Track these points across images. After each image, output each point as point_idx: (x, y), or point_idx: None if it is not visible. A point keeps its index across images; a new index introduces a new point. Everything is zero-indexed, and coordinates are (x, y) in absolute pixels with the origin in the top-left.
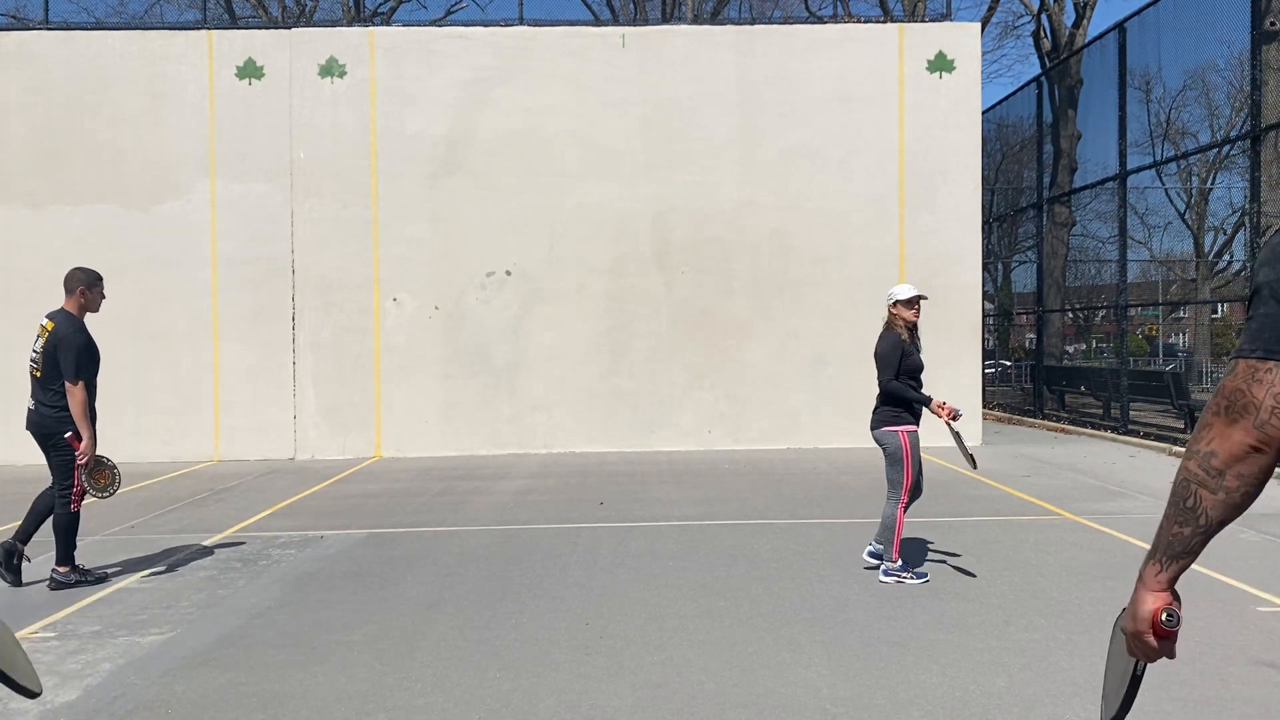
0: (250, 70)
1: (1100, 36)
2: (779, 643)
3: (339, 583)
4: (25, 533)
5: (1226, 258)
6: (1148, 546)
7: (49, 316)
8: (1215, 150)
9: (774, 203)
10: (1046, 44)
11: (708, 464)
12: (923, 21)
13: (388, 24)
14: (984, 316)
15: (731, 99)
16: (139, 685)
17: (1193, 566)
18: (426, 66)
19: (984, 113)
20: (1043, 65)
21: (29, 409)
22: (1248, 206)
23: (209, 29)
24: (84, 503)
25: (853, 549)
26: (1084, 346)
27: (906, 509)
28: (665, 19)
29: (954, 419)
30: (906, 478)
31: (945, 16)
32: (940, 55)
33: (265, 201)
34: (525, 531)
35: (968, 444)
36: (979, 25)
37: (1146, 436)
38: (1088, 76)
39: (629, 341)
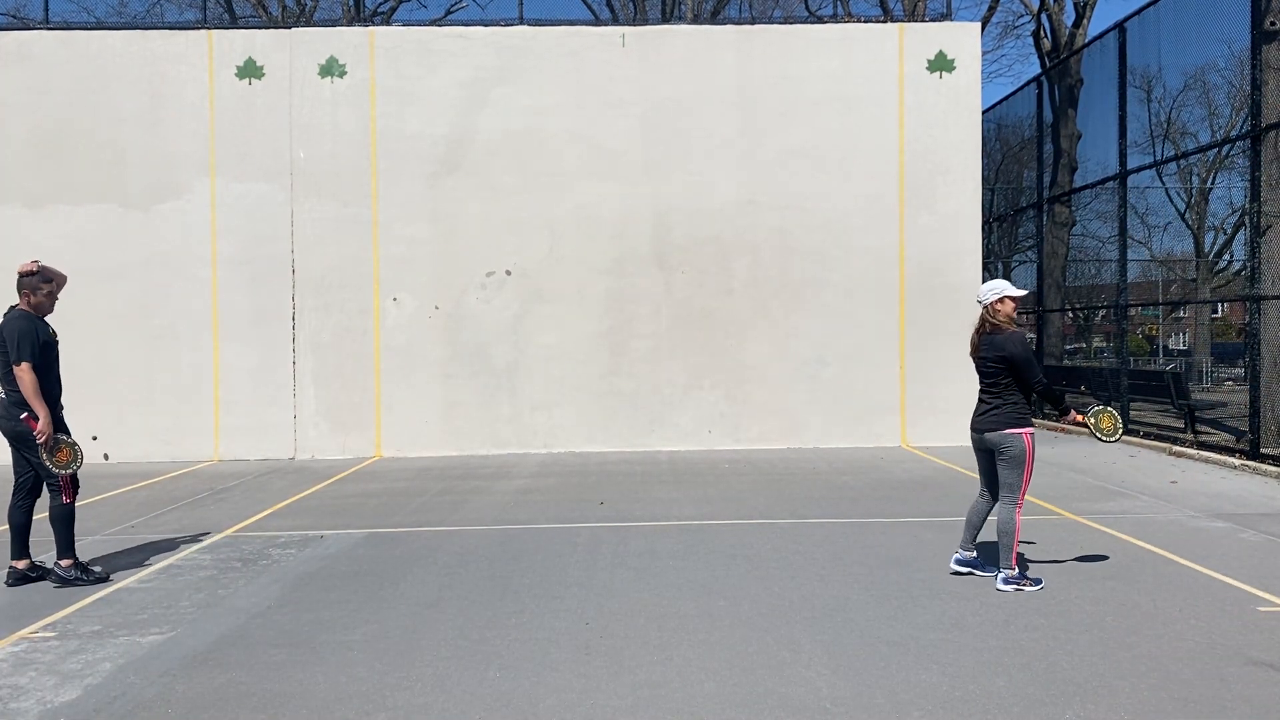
0: (250, 70)
1: (1100, 36)
2: (779, 643)
3: (339, 583)
4: (20, 550)
5: (1226, 258)
6: (1148, 547)
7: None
8: (1215, 150)
9: (774, 203)
10: (1046, 44)
11: (708, 464)
12: (923, 21)
13: (388, 24)
14: None
15: (731, 99)
16: (139, 685)
17: (1193, 566)
18: (426, 66)
19: (984, 112)
20: (1043, 65)
21: None
22: (1248, 206)
23: (209, 29)
24: (78, 497)
25: (853, 549)
26: (1083, 346)
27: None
28: (665, 19)
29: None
30: (1027, 481)
31: (945, 16)
32: (940, 55)
33: (265, 201)
34: (525, 531)
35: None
36: (979, 25)
37: (1146, 436)
38: (1088, 76)
39: (629, 341)
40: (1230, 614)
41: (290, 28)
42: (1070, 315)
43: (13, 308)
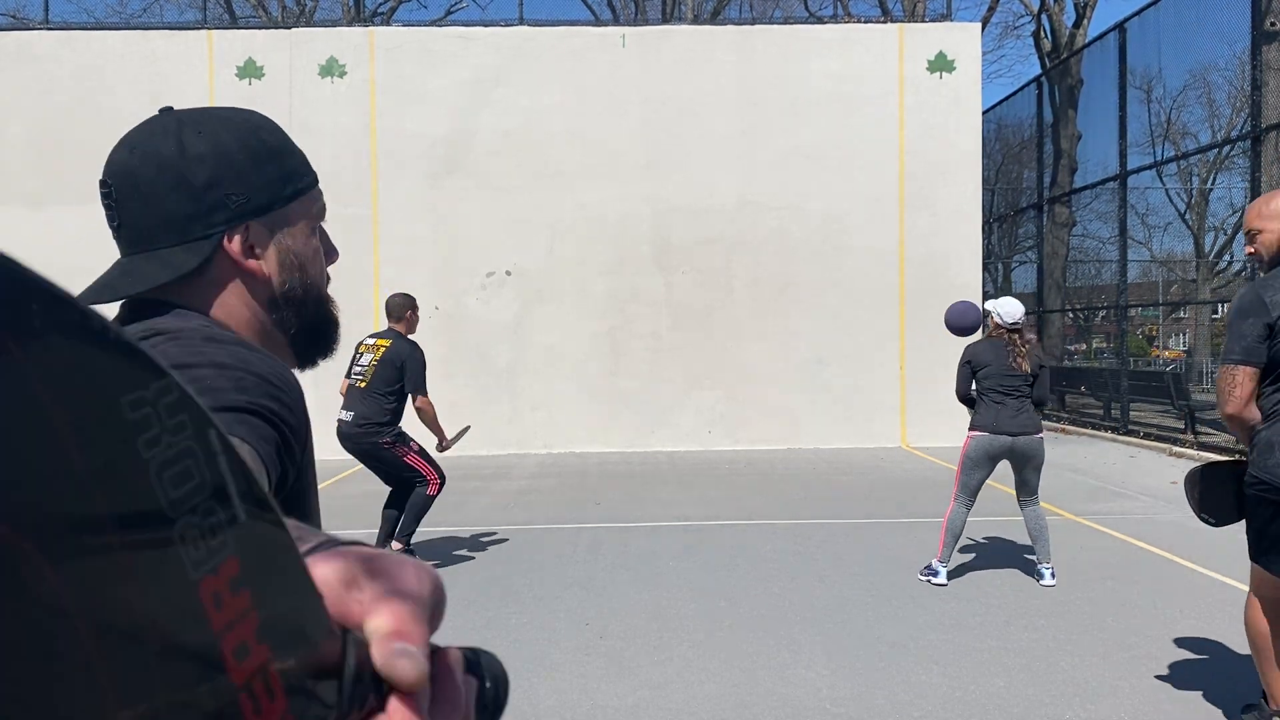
0: (250, 70)
1: (1100, 37)
2: (779, 643)
3: None
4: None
5: (1227, 258)
6: (1148, 547)
7: (380, 336)
8: (1215, 151)
9: (774, 203)
10: (1046, 44)
11: (708, 464)
12: (923, 22)
13: (388, 24)
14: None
15: (731, 99)
16: None
17: (1193, 566)
18: (426, 66)
19: (984, 113)
20: (1043, 65)
21: (342, 420)
22: (1248, 207)
23: (209, 29)
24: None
25: (853, 550)
26: (1083, 347)
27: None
28: (665, 19)
29: None
30: None
31: (945, 17)
32: (940, 55)
33: None
34: (525, 532)
35: None
36: (979, 25)
37: (1146, 437)
38: (1088, 77)
39: (629, 341)
40: (1231, 615)
41: (290, 28)
42: (1070, 316)
43: (391, 330)
